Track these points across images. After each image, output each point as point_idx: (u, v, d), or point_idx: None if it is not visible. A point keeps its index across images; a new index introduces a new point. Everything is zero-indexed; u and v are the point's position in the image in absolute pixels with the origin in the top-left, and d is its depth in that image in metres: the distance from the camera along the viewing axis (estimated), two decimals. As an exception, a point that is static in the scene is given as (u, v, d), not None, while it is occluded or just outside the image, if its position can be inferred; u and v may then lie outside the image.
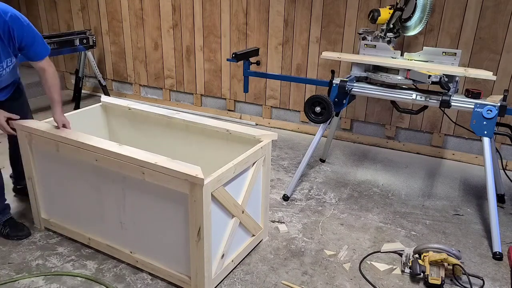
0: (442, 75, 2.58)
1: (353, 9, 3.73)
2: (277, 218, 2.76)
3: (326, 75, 3.93)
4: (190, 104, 4.81)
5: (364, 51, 2.99)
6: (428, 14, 2.87)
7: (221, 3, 4.24)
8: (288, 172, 3.41)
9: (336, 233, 2.62)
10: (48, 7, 5.28)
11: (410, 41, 3.59)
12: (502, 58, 3.34)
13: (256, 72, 3.45)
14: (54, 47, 4.31)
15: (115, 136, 2.92)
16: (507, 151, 3.53)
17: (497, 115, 2.52)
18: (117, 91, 5.23)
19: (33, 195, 2.52)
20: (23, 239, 2.47)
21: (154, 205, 2.05)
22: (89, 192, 2.27)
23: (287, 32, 4.04)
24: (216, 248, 2.05)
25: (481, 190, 3.18)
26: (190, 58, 4.60)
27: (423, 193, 3.13)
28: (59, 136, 2.22)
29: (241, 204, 2.15)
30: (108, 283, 2.14)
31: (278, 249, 2.45)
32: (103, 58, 5.14)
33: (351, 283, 2.20)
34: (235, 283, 2.17)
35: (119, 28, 4.90)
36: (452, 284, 2.19)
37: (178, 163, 1.90)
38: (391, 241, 2.55)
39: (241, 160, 2.07)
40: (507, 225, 2.75)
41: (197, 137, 2.59)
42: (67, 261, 2.31)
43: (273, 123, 4.41)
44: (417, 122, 3.79)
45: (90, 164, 2.17)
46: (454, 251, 2.24)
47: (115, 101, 2.88)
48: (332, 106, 2.81)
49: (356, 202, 2.98)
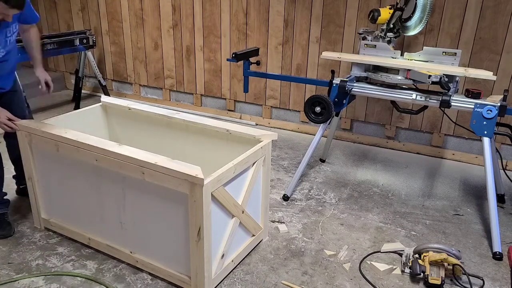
0: (442, 75, 2.58)
1: (353, 9, 3.73)
2: (277, 218, 2.76)
3: (326, 75, 3.93)
4: (190, 104, 4.81)
5: (364, 51, 2.99)
6: (428, 14, 2.87)
7: (221, 3, 4.24)
8: (288, 172, 3.41)
9: (336, 233, 2.62)
10: (48, 7, 5.28)
11: (410, 41, 3.59)
12: (502, 58, 3.34)
13: (256, 72, 3.45)
14: (54, 47, 4.31)
15: (115, 136, 2.92)
16: (507, 151, 3.53)
17: (497, 115, 2.52)
18: (117, 91, 5.23)
19: (33, 195, 2.51)
20: (2, 239, 2.48)
21: (154, 205, 2.05)
22: (89, 192, 2.27)
23: (287, 32, 4.04)
24: (216, 248, 2.05)
25: (481, 190, 3.18)
26: (190, 58, 4.60)
27: (423, 193, 3.13)
28: (59, 136, 2.22)
29: (241, 204, 2.15)
30: (108, 283, 2.14)
31: (278, 249, 2.45)
32: (103, 58, 5.14)
33: (351, 283, 2.20)
34: (235, 283, 2.17)
35: (119, 28, 4.90)
36: (452, 284, 2.19)
37: (178, 163, 1.90)
38: (391, 241, 2.55)
39: (241, 160, 2.07)
40: (507, 225, 2.75)
41: (197, 137, 2.59)
42: (67, 261, 2.31)
43: (273, 123, 4.41)
44: (417, 122, 3.79)
45: (90, 164, 2.17)
46: (454, 251, 2.24)
47: (115, 101, 2.88)
48: (332, 106, 2.81)
49: (356, 202, 2.98)
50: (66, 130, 2.28)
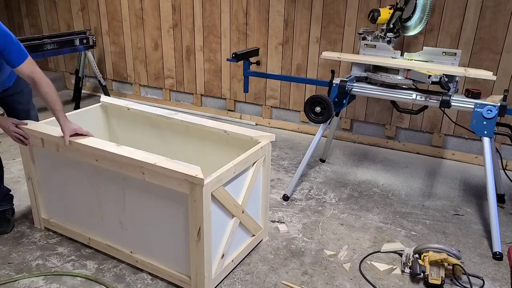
0: (442, 75, 2.58)
1: (353, 9, 3.73)
2: (277, 218, 2.76)
3: (326, 75, 3.93)
4: (190, 104, 4.81)
5: (364, 51, 2.99)
6: (428, 14, 2.87)
7: (221, 3, 4.24)
8: (288, 172, 3.41)
9: (336, 233, 2.62)
10: (48, 7, 5.28)
11: (410, 41, 3.59)
12: (502, 58, 3.34)
13: (256, 72, 3.45)
14: (54, 47, 4.31)
15: (115, 136, 2.93)
16: (507, 151, 3.53)
17: (497, 115, 2.52)
18: (117, 91, 5.23)
19: (33, 195, 2.51)
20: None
21: (154, 205, 2.05)
22: (89, 192, 2.27)
23: (287, 32, 4.04)
24: (216, 248, 2.05)
25: (481, 190, 3.18)
26: (190, 58, 4.60)
27: (423, 193, 3.13)
28: (59, 136, 2.22)
29: (241, 204, 2.15)
30: (108, 283, 2.14)
31: (278, 249, 2.45)
32: (103, 58, 5.14)
33: (351, 283, 2.20)
34: (235, 283, 2.17)
35: (119, 28, 4.90)
36: (452, 284, 2.19)
37: (177, 163, 1.90)
38: (391, 241, 2.55)
39: (241, 160, 2.07)
40: (507, 225, 2.75)
41: (196, 138, 2.59)
42: (67, 261, 2.31)
43: (273, 123, 4.41)
44: (417, 122, 3.79)
45: (90, 164, 2.17)
46: (454, 251, 2.24)
47: (114, 101, 2.88)
48: (332, 106, 2.81)
49: (356, 202, 2.98)
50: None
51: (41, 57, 4.36)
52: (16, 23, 5.60)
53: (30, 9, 5.40)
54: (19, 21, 5.56)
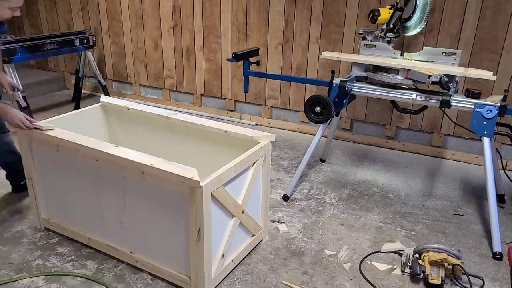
0: (442, 75, 2.58)
1: (353, 9, 3.73)
2: (277, 218, 2.76)
3: (326, 75, 3.93)
4: (190, 104, 4.81)
5: (364, 51, 2.99)
6: (428, 14, 2.87)
7: (221, 3, 4.24)
8: (288, 172, 3.41)
9: (336, 233, 2.62)
10: (48, 7, 5.28)
11: (410, 41, 3.59)
12: (502, 58, 3.34)
13: (256, 72, 3.45)
14: (54, 47, 4.31)
15: (114, 136, 2.93)
16: (507, 151, 3.53)
17: (497, 115, 2.52)
18: (117, 91, 5.23)
19: (33, 195, 2.52)
20: None
21: (154, 205, 2.05)
22: (89, 192, 2.27)
23: (287, 32, 4.04)
24: (216, 248, 2.05)
25: (481, 190, 3.18)
26: (190, 58, 4.60)
27: (423, 193, 3.13)
28: (59, 136, 2.22)
29: (241, 204, 2.15)
30: (108, 283, 2.14)
31: (278, 249, 2.45)
32: (103, 58, 5.14)
33: (351, 283, 2.20)
34: (235, 283, 2.17)
35: (119, 28, 4.90)
36: (452, 284, 2.19)
37: (174, 165, 1.89)
38: (391, 241, 2.55)
39: (241, 160, 2.07)
40: (507, 225, 2.75)
41: (196, 138, 2.59)
42: (67, 261, 2.31)
43: (273, 123, 4.41)
44: (417, 122, 3.79)
45: (90, 164, 2.17)
46: (454, 251, 2.24)
47: (114, 101, 2.88)
48: (332, 106, 2.81)
49: (356, 202, 2.98)
50: (63, 131, 2.27)
51: (41, 57, 4.36)
52: (16, 23, 5.60)
53: (30, 9, 5.40)
54: (19, 21, 5.56)
